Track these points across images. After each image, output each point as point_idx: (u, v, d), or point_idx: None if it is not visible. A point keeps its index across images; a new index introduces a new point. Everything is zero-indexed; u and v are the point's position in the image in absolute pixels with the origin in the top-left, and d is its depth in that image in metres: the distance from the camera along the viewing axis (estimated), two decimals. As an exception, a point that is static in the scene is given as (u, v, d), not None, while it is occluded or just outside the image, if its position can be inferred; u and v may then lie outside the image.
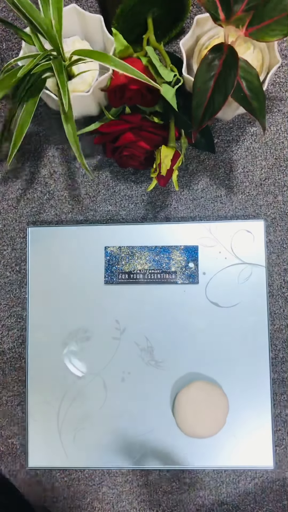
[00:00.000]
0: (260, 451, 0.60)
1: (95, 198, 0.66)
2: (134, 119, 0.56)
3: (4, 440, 0.64)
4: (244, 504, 0.63)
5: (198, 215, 0.65)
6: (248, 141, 0.65)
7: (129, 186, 0.66)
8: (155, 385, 0.61)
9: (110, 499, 0.63)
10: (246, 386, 0.61)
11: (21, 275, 0.65)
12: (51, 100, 0.57)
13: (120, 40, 0.56)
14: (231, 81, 0.46)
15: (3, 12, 0.68)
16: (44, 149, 0.66)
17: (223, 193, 0.65)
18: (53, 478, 0.64)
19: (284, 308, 0.64)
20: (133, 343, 0.62)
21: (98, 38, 0.58)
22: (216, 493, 0.63)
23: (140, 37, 0.58)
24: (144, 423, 0.61)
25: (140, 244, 0.63)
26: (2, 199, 0.66)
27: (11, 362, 0.65)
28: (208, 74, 0.48)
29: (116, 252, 0.63)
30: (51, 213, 0.66)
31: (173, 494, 0.63)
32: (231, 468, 0.61)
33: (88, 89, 0.56)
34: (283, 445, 0.63)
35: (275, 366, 0.63)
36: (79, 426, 0.61)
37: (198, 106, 0.48)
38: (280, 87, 0.66)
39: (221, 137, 0.66)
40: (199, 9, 0.66)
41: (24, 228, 0.66)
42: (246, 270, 0.62)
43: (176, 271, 0.62)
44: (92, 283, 0.62)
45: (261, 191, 0.65)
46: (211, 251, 0.62)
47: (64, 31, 0.53)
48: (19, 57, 0.53)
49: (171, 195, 0.66)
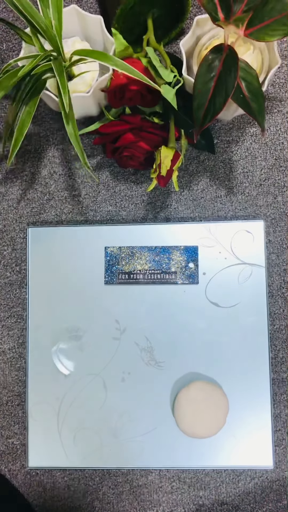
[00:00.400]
0: (260, 451, 0.60)
1: (96, 198, 0.66)
2: (134, 120, 0.56)
3: (4, 440, 0.64)
4: (244, 504, 0.63)
5: (198, 215, 0.65)
6: (248, 142, 0.66)
7: (130, 187, 0.66)
8: (155, 385, 0.61)
9: (110, 499, 0.63)
10: (246, 386, 0.61)
11: (22, 275, 0.65)
12: (51, 101, 0.57)
13: (120, 41, 0.56)
14: (231, 82, 0.46)
15: (3, 12, 0.68)
16: (45, 150, 0.66)
17: (223, 194, 0.65)
18: (53, 478, 0.64)
19: (284, 308, 0.64)
20: (134, 343, 0.62)
21: (98, 38, 0.59)
22: (216, 493, 0.63)
23: (140, 38, 0.58)
24: (144, 423, 0.61)
25: (140, 244, 0.63)
26: (3, 199, 0.66)
27: (12, 362, 0.65)
28: (208, 75, 0.48)
29: (116, 252, 0.63)
30: (51, 214, 0.66)
31: (173, 494, 0.63)
32: (231, 468, 0.61)
33: (89, 89, 0.56)
34: (283, 445, 0.63)
35: (274, 366, 0.63)
36: (79, 426, 0.61)
37: (198, 108, 0.48)
38: (280, 87, 0.66)
39: (220, 138, 0.66)
40: (199, 10, 0.66)
41: (25, 228, 0.66)
42: (246, 270, 0.62)
43: (176, 271, 0.62)
44: (92, 283, 0.62)
45: (260, 192, 0.65)
46: (211, 252, 0.62)
47: (64, 31, 0.53)
48: (19, 57, 0.53)
49: (171, 196, 0.66)
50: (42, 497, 0.64)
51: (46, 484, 0.64)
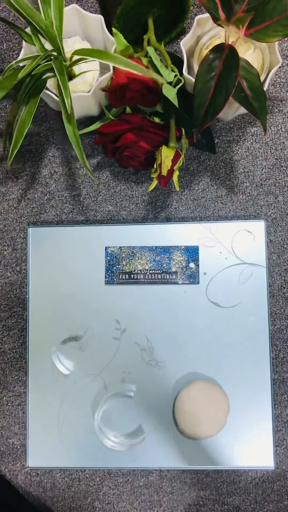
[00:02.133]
0: (261, 451, 0.60)
1: (96, 198, 0.66)
2: (135, 119, 0.56)
3: (4, 440, 0.64)
4: (245, 505, 0.63)
5: (198, 215, 0.65)
6: (249, 141, 0.65)
7: (130, 186, 0.66)
8: (155, 385, 0.61)
9: (111, 499, 0.63)
10: (246, 386, 0.61)
11: (22, 275, 0.65)
12: (52, 100, 0.57)
13: (120, 40, 0.56)
14: (232, 82, 0.46)
15: (3, 12, 0.68)
16: (45, 150, 0.66)
17: (224, 193, 0.65)
18: (53, 478, 0.64)
19: (285, 308, 0.64)
20: (134, 343, 0.62)
21: (99, 38, 0.58)
22: (216, 494, 0.63)
23: (141, 37, 0.58)
24: (144, 423, 0.61)
25: (141, 244, 0.63)
26: (3, 199, 0.66)
27: (12, 362, 0.65)
28: (209, 74, 0.48)
29: (117, 252, 0.63)
30: (51, 214, 0.66)
31: (174, 494, 0.63)
32: (231, 468, 0.61)
33: (89, 89, 0.56)
34: (284, 446, 0.63)
35: (275, 366, 0.63)
36: (80, 426, 0.61)
37: (199, 107, 0.48)
38: (280, 87, 0.66)
39: (221, 137, 0.66)
40: (199, 9, 0.66)
41: (25, 228, 0.66)
42: (246, 270, 0.62)
43: (177, 271, 0.62)
44: (92, 283, 0.62)
45: (261, 191, 0.65)
46: (212, 251, 0.62)
47: (65, 31, 0.53)
48: (20, 58, 0.53)
49: (171, 195, 0.66)
50: (42, 497, 0.64)
51: (46, 485, 0.64)
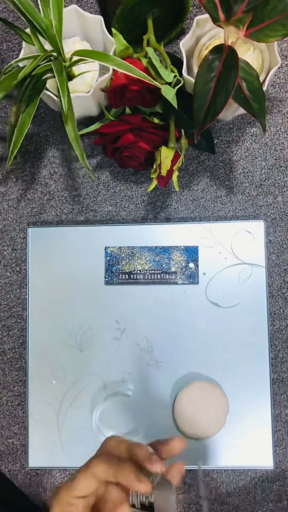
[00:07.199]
0: (260, 451, 0.60)
1: (96, 198, 0.66)
2: (134, 120, 0.56)
3: (4, 440, 0.64)
4: (244, 504, 0.63)
5: (198, 215, 0.65)
6: (248, 142, 0.66)
7: (130, 187, 0.66)
8: (155, 385, 0.61)
9: (110, 499, 0.63)
10: (246, 386, 0.61)
11: (22, 275, 0.65)
12: (51, 101, 0.57)
13: (120, 41, 0.56)
14: (232, 82, 0.46)
15: (3, 12, 0.68)
16: (45, 150, 0.66)
17: (223, 194, 0.65)
18: (53, 478, 0.64)
19: (284, 309, 0.64)
20: (134, 343, 0.62)
21: (99, 38, 0.58)
22: (216, 493, 0.63)
23: (141, 38, 0.58)
24: (144, 423, 0.61)
25: (140, 244, 0.63)
26: (3, 199, 0.66)
27: (12, 362, 0.65)
28: (209, 75, 0.48)
29: (116, 252, 0.63)
30: (51, 214, 0.66)
31: (173, 494, 0.63)
32: (231, 468, 0.61)
33: (89, 89, 0.56)
34: (283, 445, 0.63)
35: (275, 366, 0.63)
36: (79, 426, 0.61)
37: (199, 108, 0.48)
38: (280, 87, 0.66)
39: (221, 138, 0.66)
40: (199, 10, 0.66)
41: (25, 228, 0.66)
42: (246, 270, 0.62)
43: (176, 271, 0.62)
44: (92, 283, 0.62)
45: (261, 192, 0.65)
46: (211, 252, 0.62)
47: (64, 31, 0.53)
48: (19, 58, 0.53)
49: (171, 196, 0.66)
50: (42, 497, 0.64)
51: (46, 484, 0.64)
